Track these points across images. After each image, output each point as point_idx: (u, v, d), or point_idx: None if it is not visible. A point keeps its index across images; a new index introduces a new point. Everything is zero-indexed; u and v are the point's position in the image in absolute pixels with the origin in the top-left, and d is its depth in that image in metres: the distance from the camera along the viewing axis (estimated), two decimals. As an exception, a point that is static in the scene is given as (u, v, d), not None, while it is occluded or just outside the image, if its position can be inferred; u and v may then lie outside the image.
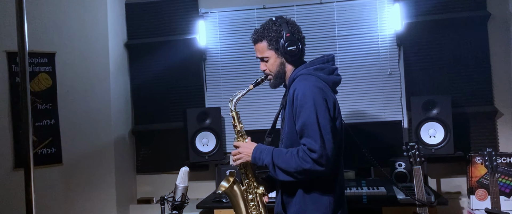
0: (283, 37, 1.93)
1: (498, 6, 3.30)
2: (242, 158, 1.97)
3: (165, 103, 3.70)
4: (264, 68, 2.03)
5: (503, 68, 3.32)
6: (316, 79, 1.89)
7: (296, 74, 1.94)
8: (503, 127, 3.34)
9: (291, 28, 1.95)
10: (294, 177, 1.82)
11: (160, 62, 3.70)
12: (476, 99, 3.34)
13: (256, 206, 2.00)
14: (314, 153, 1.76)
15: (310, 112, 1.79)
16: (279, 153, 1.87)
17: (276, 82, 2.03)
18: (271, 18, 2.01)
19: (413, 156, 2.63)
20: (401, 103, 3.44)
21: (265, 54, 1.99)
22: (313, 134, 1.77)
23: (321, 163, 1.76)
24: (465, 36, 3.34)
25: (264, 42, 1.98)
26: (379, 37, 3.46)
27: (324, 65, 1.97)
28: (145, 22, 3.73)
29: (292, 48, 1.93)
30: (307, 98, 1.81)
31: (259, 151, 1.92)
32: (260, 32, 2.00)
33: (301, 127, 1.82)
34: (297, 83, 1.90)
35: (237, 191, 2.01)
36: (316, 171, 1.77)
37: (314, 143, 1.76)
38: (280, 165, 1.84)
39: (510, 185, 3.00)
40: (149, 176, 3.74)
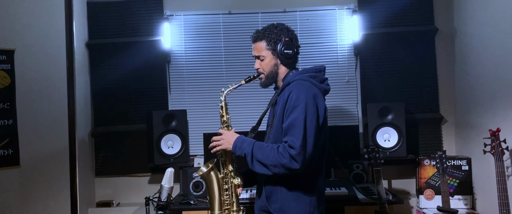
0: (282, 40, 2.08)
1: (444, 22, 3.62)
2: (223, 144, 2.08)
3: (127, 104, 3.65)
4: (258, 66, 2.16)
5: (448, 78, 3.64)
6: (311, 85, 2.03)
7: (292, 79, 2.07)
8: (447, 133, 3.66)
9: (290, 35, 2.12)
10: (269, 169, 1.93)
11: (122, 63, 3.65)
12: (425, 107, 3.63)
13: (229, 195, 2.11)
14: (293, 149, 1.88)
15: (299, 113, 1.92)
16: (259, 145, 1.99)
17: (267, 81, 2.16)
18: (273, 23, 2.16)
19: (374, 158, 2.83)
20: (357, 109, 3.66)
21: (262, 53, 2.13)
22: (297, 133, 1.90)
23: (297, 160, 1.88)
24: (416, 48, 3.63)
25: (263, 42, 2.12)
26: (338, 47, 3.67)
27: (316, 73, 2.13)
28: (107, 22, 3.66)
29: (288, 51, 2.08)
30: (300, 100, 1.94)
31: (241, 141, 2.04)
32: (261, 32, 2.14)
33: (287, 125, 1.94)
34: (293, 86, 2.02)
35: (214, 177, 2.11)
36: (291, 168, 1.89)
37: (296, 141, 1.89)
38: (258, 157, 1.95)
39: (454, 186, 3.30)
40: (109, 179, 3.66)
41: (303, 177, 1.98)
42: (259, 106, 3.54)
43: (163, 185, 2.05)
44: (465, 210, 3.27)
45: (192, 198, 3.02)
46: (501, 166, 2.54)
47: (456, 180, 3.30)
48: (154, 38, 3.64)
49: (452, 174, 3.30)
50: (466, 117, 3.43)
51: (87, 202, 3.56)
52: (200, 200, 3.06)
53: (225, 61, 3.68)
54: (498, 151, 2.57)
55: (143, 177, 3.66)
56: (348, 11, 3.64)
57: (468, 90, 3.40)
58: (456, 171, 3.30)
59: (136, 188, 3.63)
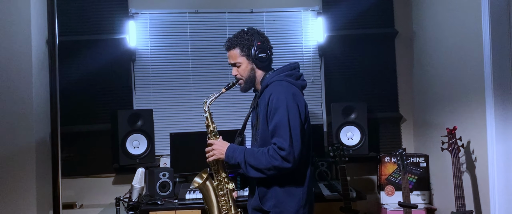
0: (255, 45, 2.14)
1: (404, 25, 3.78)
2: (215, 154, 2.15)
3: (91, 104, 3.57)
4: (235, 73, 2.22)
5: (407, 79, 3.81)
6: (288, 85, 2.11)
7: (269, 81, 2.14)
8: (406, 131, 3.83)
9: (261, 38, 2.18)
10: (264, 173, 2.03)
11: (86, 61, 3.56)
12: (385, 106, 3.78)
13: (226, 201, 2.18)
14: (283, 151, 1.97)
15: (282, 114, 2.00)
16: (251, 152, 2.07)
17: (246, 86, 2.23)
18: (243, 29, 2.21)
19: (339, 156, 2.92)
20: (322, 109, 3.76)
21: (237, 60, 2.19)
22: (284, 134, 1.99)
23: (288, 160, 1.98)
24: (377, 50, 3.77)
25: (237, 49, 2.18)
26: (303, 48, 3.75)
27: (292, 71, 2.20)
28: (70, 18, 3.56)
29: (262, 55, 2.15)
30: (281, 102, 2.02)
31: (232, 150, 2.11)
32: (233, 40, 2.19)
33: (273, 128, 2.02)
34: (272, 88, 2.10)
35: (210, 186, 2.17)
36: (284, 168, 1.99)
37: (284, 141, 1.98)
38: (251, 163, 2.03)
39: (413, 182, 3.45)
40: (72, 180, 3.56)
41: (293, 172, 2.06)
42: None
43: (134, 185, 2.04)
44: (423, 205, 3.42)
45: (159, 199, 3.00)
46: (457, 163, 2.70)
47: (415, 177, 3.45)
48: (118, 36, 3.58)
49: (411, 170, 3.45)
50: (424, 116, 3.60)
51: (49, 204, 3.45)
52: (167, 200, 3.04)
53: (192, 60, 3.68)
54: (454, 148, 2.72)
55: (108, 177, 3.59)
56: (313, 13, 3.73)
57: (425, 90, 3.57)
58: (415, 167, 3.45)
59: (100, 189, 3.56)
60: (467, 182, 2.89)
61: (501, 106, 2.60)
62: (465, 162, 2.93)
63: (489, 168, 2.66)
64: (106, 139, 3.51)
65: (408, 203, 2.85)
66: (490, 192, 2.67)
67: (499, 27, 2.61)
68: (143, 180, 2.10)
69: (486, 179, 2.70)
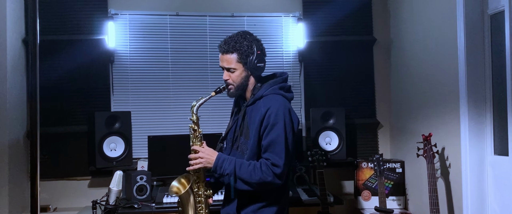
0: (254, 53, 2.07)
1: (382, 32, 3.85)
2: (202, 163, 2.08)
3: (68, 105, 3.50)
4: (227, 78, 2.13)
5: (384, 86, 3.87)
6: (284, 100, 2.08)
7: (264, 93, 2.09)
8: (383, 137, 3.89)
9: (260, 46, 2.12)
10: (252, 187, 2.00)
11: (62, 62, 3.49)
12: (363, 112, 3.84)
13: (202, 207, 2.13)
14: (277, 168, 1.96)
15: (280, 131, 1.98)
16: (241, 164, 2.02)
17: (237, 92, 2.16)
18: (239, 32, 2.13)
19: (317, 161, 2.95)
20: (301, 114, 3.78)
21: (232, 65, 2.09)
22: (280, 152, 1.97)
23: (281, 177, 1.97)
24: (355, 57, 3.82)
25: (235, 55, 2.08)
26: (283, 53, 3.77)
27: (284, 84, 2.16)
28: (47, 18, 3.48)
29: (260, 65, 2.09)
30: (279, 118, 1.99)
31: (221, 160, 2.05)
32: (232, 45, 2.08)
33: (268, 143, 1.99)
34: (269, 102, 2.04)
35: (191, 194, 2.11)
36: (275, 184, 1.98)
37: (279, 159, 1.96)
38: (242, 176, 1.99)
39: (389, 187, 3.51)
40: (46, 182, 3.47)
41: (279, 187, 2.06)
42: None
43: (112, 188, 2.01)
44: (398, 210, 3.48)
45: (136, 202, 2.96)
46: (432, 168, 2.76)
47: (391, 182, 3.51)
48: (97, 37, 3.52)
49: (387, 176, 3.50)
50: (400, 122, 3.67)
51: (21, 207, 3.36)
52: (144, 204, 3.00)
53: (172, 63, 3.65)
54: (429, 155, 2.78)
55: (83, 180, 3.52)
56: (293, 19, 3.76)
57: (402, 97, 3.64)
58: (391, 173, 3.51)
59: (75, 192, 3.49)
60: (441, 187, 2.96)
61: (475, 114, 2.68)
62: (440, 168, 3.00)
63: (462, 174, 2.73)
64: (82, 141, 3.45)
65: (384, 208, 2.89)
66: (463, 198, 2.74)
67: (473, 37, 2.69)
68: (121, 183, 2.06)
69: (459, 185, 2.77)
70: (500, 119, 2.61)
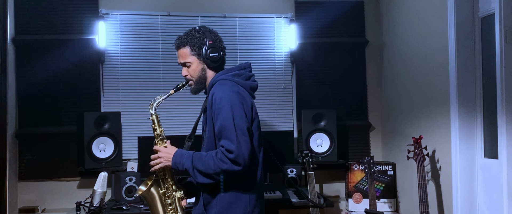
0: (206, 44, 2.04)
1: (374, 35, 3.85)
2: (161, 162, 2.02)
3: (57, 105, 3.45)
4: (185, 73, 2.11)
5: (376, 88, 3.87)
6: (232, 84, 2.01)
7: (215, 80, 2.05)
8: (375, 139, 3.88)
9: (213, 37, 2.08)
10: (213, 178, 1.91)
11: (52, 61, 3.45)
12: (355, 114, 3.82)
13: (174, 209, 2.05)
14: (231, 153, 1.86)
15: (227, 115, 1.90)
16: (198, 156, 1.94)
17: (197, 87, 2.12)
18: (194, 27, 2.11)
19: (307, 163, 2.93)
20: (292, 115, 3.77)
21: (187, 59, 2.08)
22: (230, 135, 1.88)
23: (238, 163, 1.86)
24: (347, 59, 3.81)
25: (187, 48, 2.07)
26: (275, 54, 3.76)
27: (241, 71, 2.10)
28: (36, 16, 3.44)
29: (214, 54, 2.05)
30: (224, 101, 1.92)
31: (179, 156, 1.98)
32: (183, 38, 2.08)
33: (219, 129, 1.91)
34: (215, 88, 2.00)
35: (155, 194, 2.04)
36: (234, 171, 1.88)
37: (231, 143, 1.86)
38: (199, 168, 1.91)
39: (380, 189, 3.50)
40: (34, 183, 3.44)
41: (241, 176, 1.95)
42: (191, 109, 3.54)
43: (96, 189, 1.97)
44: (389, 212, 3.47)
45: (124, 203, 2.93)
46: (422, 171, 2.75)
47: (382, 184, 3.50)
48: (87, 37, 3.49)
49: (378, 178, 3.49)
50: (392, 124, 3.67)
51: (9, 208, 3.32)
52: (132, 205, 2.98)
53: (163, 63, 3.63)
54: (420, 157, 2.77)
55: (72, 181, 3.48)
56: (285, 20, 3.75)
57: (394, 100, 3.63)
58: (382, 175, 3.50)
59: (63, 193, 3.45)
60: (432, 190, 2.95)
61: (465, 117, 2.67)
62: (431, 170, 3.00)
63: (453, 176, 2.72)
64: (71, 142, 3.41)
65: (375, 210, 2.88)
66: (453, 200, 2.73)
67: (464, 40, 2.69)
68: (105, 184, 2.03)
69: (449, 187, 2.76)
70: (490, 122, 2.61)
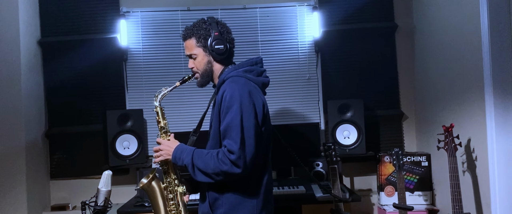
0: (212, 35, 1.97)
1: (404, 18, 3.62)
2: (162, 155, 1.99)
3: (83, 104, 3.53)
4: (192, 65, 2.06)
5: (408, 75, 3.64)
6: (245, 81, 1.93)
7: (226, 76, 1.97)
8: (408, 129, 3.67)
9: (220, 28, 2.01)
10: (212, 178, 1.84)
11: (77, 62, 3.52)
12: (385, 103, 3.62)
13: (175, 205, 2.01)
14: (232, 154, 1.79)
15: (235, 114, 1.82)
16: (199, 154, 1.88)
17: (203, 80, 2.06)
18: (202, 18, 2.05)
19: (330, 156, 2.80)
20: (318, 107, 3.63)
21: (193, 51, 2.03)
22: (235, 136, 1.80)
23: (238, 165, 1.78)
24: (376, 45, 3.61)
25: (193, 39, 2.02)
26: (299, 44, 3.63)
27: (252, 67, 2.02)
28: (61, 18, 3.52)
29: (219, 46, 1.97)
30: (234, 100, 1.83)
31: (180, 151, 1.93)
32: (189, 29, 2.03)
33: (224, 128, 1.84)
34: (226, 85, 1.91)
35: (156, 187, 2.01)
36: (234, 173, 1.80)
37: (234, 144, 1.79)
38: (199, 166, 1.85)
39: (414, 182, 3.30)
40: (65, 181, 3.54)
41: (248, 179, 1.88)
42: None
43: (100, 188, 1.97)
44: (424, 205, 3.28)
45: (146, 200, 2.93)
46: (454, 162, 2.54)
47: (416, 176, 3.30)
48: (110, 36, 3.53)
49: (412, 170, 3.30)
50: (426, 113, 3.44)
51: (42, 206, 3.44)
52: (156, 201, 2.97)
53: (185, 58, 3.59)
54: (451, 147, 2.57)
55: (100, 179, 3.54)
56: (308, 8, 3.60)
57: (427, 86, 3.41)
58: (416, 167, 3.31)
59: (93, 190, 3.41)
60: (468, 182, 2.74)
61: (501, 103, 2.45)
62: (466, 161, 2.78)
63: (490, 167, 2.51)
64: (98, 140, 3.47)
65: (404, 204, 2.71)
66: (491, 193, 2.51)
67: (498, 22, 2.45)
68: (109, 183, 2.02)
69: (486, 179, 2.54)
70: (529, 106, 2.37)
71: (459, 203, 2.49)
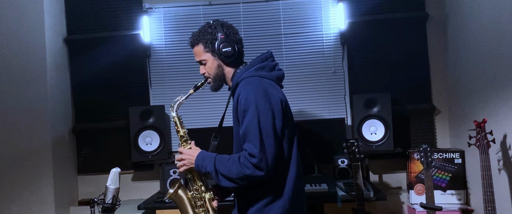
0: (218, 39, 1.94)
1: (436, 7, 3.42)
2: (185, 164, 1.99)
3: (108, 100, 3.57)
4: (203, 71, 2.05)
5: (440, 67, 3.44)
6: (259, 80, 1.89)
7: (239, 78, 1.94)
8: (441, 124, 3.47)
9: (226, 30, 1.97)
10: (236, 183, 1.83)
11: (102, 59, 3.56)
12: (416, 97, 3.45)
13: (205, 211, 1.99)
14: (253, 158, 1.77)
15: (252, 116, 1.79)
16: (221, 159, 1.87)
17: (216, 84, 2.04)
18: (208, 22, 2.02)
19: (353, 153, 2.67)
20: (344, 101, 3.50)
21: (202, 57, 2.01)
22: (253, 139, 1.78)
23: (260, 168, 1.77)
24: (405, 36, 3.44)
25: (200, 45, 1.99)
26: (323, 36, 3.51)
27: (264, 63, 1.98)
28: (86, 16, 3.58)
29: (226, 49, 1.94)
30: (249, 102, 1.81)
31: (202, 159, 1.92)
32: (196, 36, 2.01)
33: (243, 132, 1.82)
34: (240, 87, 1.89)
35: (183, 196, 2.00)
36: (257, 176, 1.78)
37: (254, 148, 1.77)
38: (222, 172, 1.84)
39: (446, 180, 3.12)
40: (92, 176, 3.60)
41: (274, 179, 1.85)
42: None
43: (108, 186, 1.95)
44: (458, 205, 3.09)
45: (167, 196, 2.92)
46: (486, 160, 2.36)
47: (449, 174, 3.12)
48: (133, 32, 3.54)
49: (444, 167, 3.12)
50: (460, 107, 3.24)
51: (69, 201, 3.51)
52: (176, 198, 2.96)
53: (207, 54, 3.56)
54: (483, 144, 2.39)
55: (126, 174, 3.59)
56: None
57: (461, 79, 3.20)
58: (449, 164, 3.12)
59: (119, 185, 3.56)
60: (503, 182, 2.54)
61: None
62: (502, 159, 2.58)
63: (527, 166, 2.31)
64: (122, 136, 3.50)
65: (432, 204, 2.55)
66: (529, 194, 2.32)
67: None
68: (118, 180, 2.00)
69: (523, 178, 2.35)
70: None
71: (491, 204, 2.31)
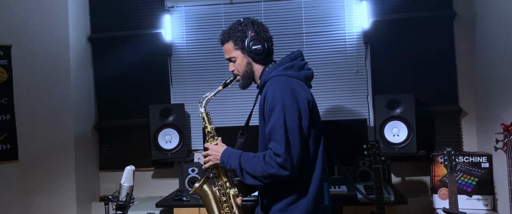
0: (248, 36, 1.94)
1: (464, 6, 3.30)
2: (211, 160, 2.00)
3: (130, 98, 3.62)
4: (232, 68, 2.05)
5: (468, 67, 3.32)
6: (286, 80, 1.88)
7: (267, 77, 1.94)
8: (467, 127, 3.35)
9: (256, 28, 1.97)
10: (261, 181, 1.84)
11: (124, 57, 3.61)
12: (441, 98, 3.34)
13: (229, 207, 2.00)
14: (279, 157, 1.77)
15: (278, 115, 1.79)
16: (246, 157, 1.88)
17: (244, 82, 2.04)
18: (238, 20, 2.03)
19: (373, 155, 2.61)
20: (367, 102, 3.43)
21: (232, 54, 2.01)
22: (279, 138, 1.78)
23: (285, 167, 1.77)
24: (431, 35, 3.33)
25: (230, 43, 2.00)
26: (346, 35, 3.44)
27: (292, 62, 1.98)
28: (109, 15, 3.64)
29: (256, 47, 1.94)
30: (276, 101, 1.81)
31: (227, 155, 1.93)
32: (226, 33, 2.02)
33: (269, 131, 1.83)
34: (268, 86, 1.89)
35: (208, 191, 2.03)
36: (282, 176, 1.78)
37: (279, 147, 1.77)
38: (247, 170, 1.85)
39: (472, 184, 3.01)
40: (113, 173, 3.66)
41: (299, 178, 1.85)
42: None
43: (122, 184, 1.97)
44: (484, 211, 2.98)
45: (185, 195, 2.93)
46: (514, 165, 2.26)
47: (475, 178, 3.01)
48: (155, 31, 3.57)
49: (470, 171, 3.01)
50: (488, 109, 3.12)
51: (91, 196, 3.57)
52: (194, 196, 2.96)
53: (228, 53, 3.55)
54: (510, 148, 2.29)
55: (147, 171, 3.62)
56: (356, -4, 3.41)
57: (491, 81, 3.08)
58: (475, 168, 3.01)
59: (139, 183, 3.55)
60: (532, 188, 2.42)
61: None
62: (531, 164, 2.46)
63: (558, 172, 2.19)
64: (143, 134, 3.53)
65: (456, 210, 2.46)
66: (559, 202, 2.20)
67: None
68: (132, 178, 2.01)
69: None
70: None
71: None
